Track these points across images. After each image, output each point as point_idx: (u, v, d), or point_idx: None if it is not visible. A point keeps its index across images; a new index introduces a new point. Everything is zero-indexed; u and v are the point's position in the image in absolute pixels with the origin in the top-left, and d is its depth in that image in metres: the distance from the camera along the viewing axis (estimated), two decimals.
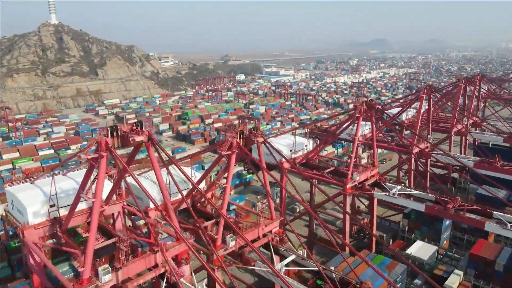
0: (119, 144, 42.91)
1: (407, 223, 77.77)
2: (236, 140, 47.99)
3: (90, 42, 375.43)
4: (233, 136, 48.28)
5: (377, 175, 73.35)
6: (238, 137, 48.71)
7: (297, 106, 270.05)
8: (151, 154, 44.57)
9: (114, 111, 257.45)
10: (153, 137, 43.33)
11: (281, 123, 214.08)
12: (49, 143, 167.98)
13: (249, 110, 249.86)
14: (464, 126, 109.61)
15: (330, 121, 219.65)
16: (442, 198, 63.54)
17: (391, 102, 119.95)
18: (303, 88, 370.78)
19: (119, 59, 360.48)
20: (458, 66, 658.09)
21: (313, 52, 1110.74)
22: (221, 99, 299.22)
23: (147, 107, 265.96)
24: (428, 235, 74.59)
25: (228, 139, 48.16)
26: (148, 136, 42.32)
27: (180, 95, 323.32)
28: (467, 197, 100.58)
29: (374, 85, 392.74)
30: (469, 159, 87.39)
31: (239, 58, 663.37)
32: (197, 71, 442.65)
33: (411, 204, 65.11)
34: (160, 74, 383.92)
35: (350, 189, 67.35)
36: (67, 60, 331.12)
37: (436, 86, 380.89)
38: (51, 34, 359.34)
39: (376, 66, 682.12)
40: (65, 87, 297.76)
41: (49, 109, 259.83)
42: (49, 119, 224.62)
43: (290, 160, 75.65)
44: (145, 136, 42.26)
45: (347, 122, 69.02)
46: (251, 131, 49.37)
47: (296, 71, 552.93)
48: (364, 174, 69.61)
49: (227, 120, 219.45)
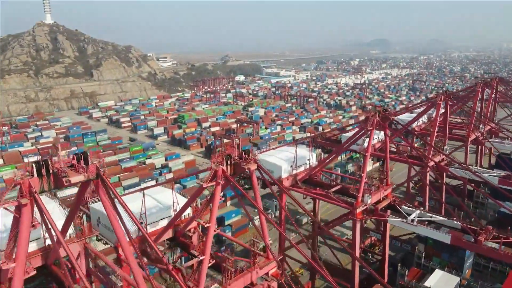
0: (51, 186, 31.58)
1: (423, 249, 68.48)
2: (222, 168, 38.36)
3: (85, 42, 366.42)
4: (218, 163, 38.60)
5: (390, 195, 63.97)
6: (224, 163, 38.98)
7: (297, 108, 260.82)
8: (102, 196, 33.60)
9: (108, 113, 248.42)
10: (103, 174, 32.79)
11: (281, 127, 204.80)
12: (35, 149, 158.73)
13: (248, 113, 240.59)
14: (481, 134, 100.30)
15: (334, 125, 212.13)
16: (471, 227, 54.02)
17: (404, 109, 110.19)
18: (304, 89, 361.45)
19: (115, 59, 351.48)
20: (461, 66, 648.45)
21: (313, 53, 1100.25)
22: (219, 101, 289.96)
23: (142, 109, 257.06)
24: (449, 263, 65.30)
25: (212, 167, 38.41)
26: (96, 173, 31.91)
27: (178, 96, 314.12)
28: (486, 214, 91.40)
29: (376, 86, 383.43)
30: (492, 174, 77.91)
31: (239, 58, 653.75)
32: (196, 72, 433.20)
33: (434, 235, 55.69)
34: (158, 75, 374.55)
35: (360, 213, 58.04)
36: (61, 60, 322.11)
37: (440, 87, 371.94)
38: (45, 34, 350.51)
39: (378, 66, 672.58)
40: (58, 88, 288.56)
41: (41, 112, 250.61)
42: (40, 122, 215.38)
43: (291, 177, 66.44)
44: (91, 173, 31.83)
45: (357, 135, 59.56)
46: (242, 155, 39.71)
47: (297, 72, 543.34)
48: (376, 195, 60.20)
49: (225, 124, 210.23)
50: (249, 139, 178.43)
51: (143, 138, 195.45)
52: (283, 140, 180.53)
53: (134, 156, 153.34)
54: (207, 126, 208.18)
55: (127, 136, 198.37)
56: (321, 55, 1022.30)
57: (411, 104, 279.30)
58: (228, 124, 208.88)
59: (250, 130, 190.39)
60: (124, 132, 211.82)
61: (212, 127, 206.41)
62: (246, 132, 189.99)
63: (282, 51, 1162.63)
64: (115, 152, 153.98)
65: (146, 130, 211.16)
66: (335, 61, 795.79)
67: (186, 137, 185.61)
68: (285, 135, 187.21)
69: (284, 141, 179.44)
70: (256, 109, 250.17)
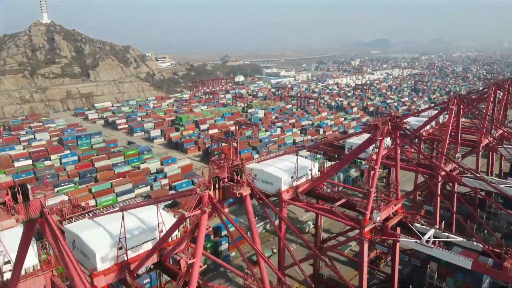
0: None
1: (436, 268, 62.71)
2: (208, 193, 32.39)
3: (82, 42, 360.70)
4: (203, 187, 32.61)
5: (400, 210, 58.18)
6: (212, 187, 32.95)
7: (298, 110, 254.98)
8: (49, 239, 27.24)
9: (105, 115, 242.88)
10: (48, 214, 26.15)
11: (281, 129, 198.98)
12: (27, 153, 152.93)
13: (247, 115, 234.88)
14: (493, 140, 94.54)
15: (336, 127, 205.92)
16: (494, 250, 48.17)
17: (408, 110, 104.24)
18: (305, 90, 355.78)
19: (113, 60, 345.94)
20: (463, 67, 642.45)
21: (314, 53, 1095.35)
22: (218, 102, 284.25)
23: (140, 110, 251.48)
24: (464, 283, 59.63)
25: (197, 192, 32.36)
26: (40, 211, 25.34)
27: (176, 97, 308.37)
28: (501, 226, 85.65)
29: (378, 87, 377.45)
30: (509, 184, 72.04)
31: (239, 58, 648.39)
32: (195, 72, 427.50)
33: (453, 259, 49.77)
34: (156, 76, 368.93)
35: (368, 232, 52.29)
36: (58, 61, 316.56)
37: (442, 87, 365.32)
38: (42, 34, 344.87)
39: (379, 66, 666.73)
40: (54, 89, 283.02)
41: (35, 113, 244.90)
42: (34, 124, 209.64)
43: (291, 189, 60.79)
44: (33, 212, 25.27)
45: (365, 145, 53.66)
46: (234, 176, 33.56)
47: (297, 72, 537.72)
48: (386, 210, 54.46)
49: (224, 126, 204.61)
50: (248, 142, 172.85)
51: (139, 141, 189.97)
52: (283, 143, 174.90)
53: (129, 160, 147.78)
54: (205, 129, 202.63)
55: (123, 139, 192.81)
56: (321, 55, 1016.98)
57: (414, 106, 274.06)
58: (226, 126, 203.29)
59: (250, 133, 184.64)
60: (120, 134, 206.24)
61: (210, 129, 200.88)
62: (245, 135, 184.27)
63: (283, 51, 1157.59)
64: (108, 156, 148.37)
65: (143, 132, 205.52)
66: (336, 61, 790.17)
67: (183, 140, 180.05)
68: (285, 138, 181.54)
69: (284, 144, 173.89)
70: (255, 110, 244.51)
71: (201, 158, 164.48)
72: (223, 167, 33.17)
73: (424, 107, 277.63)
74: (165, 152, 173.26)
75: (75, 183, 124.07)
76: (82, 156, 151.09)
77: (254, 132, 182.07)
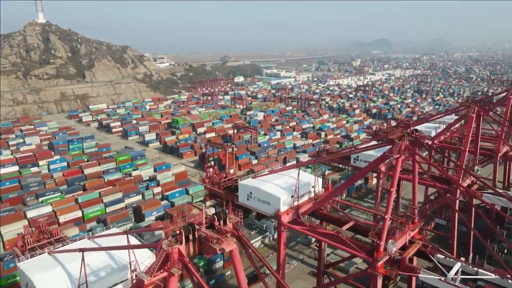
0: None
1: None
2: (178, 248, 23.92)
3: (78, 42, 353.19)
4: (171, 242, 23.61)
5: (417, 236, 50.48)
6: (183, 239, 24.03)
7: (299, 112, 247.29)
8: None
9: (99, 117, 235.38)
10: None
11: (281, 132, 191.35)
12: (13, 159, 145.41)
13: (246, 117, 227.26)
14: (510, 148, 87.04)
15: (338, 130, 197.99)
16: None
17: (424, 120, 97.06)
18: (305, 91, 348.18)
19: (109, 60, 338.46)
20: (465, 67, 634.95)
21: (315, 53, 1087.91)
22: (216, 104, 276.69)
23: (136, 112, 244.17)
24: None
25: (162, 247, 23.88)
26: None
27: (173, 99, 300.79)
28: None
29: (380, 88, 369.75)
30: None
31: (239, 58, 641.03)
32: (194, 73, 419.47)
33: None
34: (154, 76, 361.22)
35: (382, 266, 44.58)
36: (53, 61, 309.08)
37: (445, 88, 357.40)
38: (37, 33, 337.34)
39: (380, 67, 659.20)
40: (48, 90, 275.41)
41: (28, 116, 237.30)
42: (25, 127, 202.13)
43: (291, 210, 53.27)
44: None
45: (377, 162, 46.04)
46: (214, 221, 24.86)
47: (298, 73, 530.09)
48: (402, 238, 46.72)
49: (221, 129, 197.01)
50: (246, 146, 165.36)
51: (134, 145, 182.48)
52: (283, 147, 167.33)
53: (121, 167, 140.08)
54: (202, 132, 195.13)
55: (117, 143, 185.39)
56: (322, 55, 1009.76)
57: (417, 108, 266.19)
58: (224, 130, 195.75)
59: (248, 136, 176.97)
60: (114, 138, 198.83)
61: (207, 132, 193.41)
62: (244, 139, 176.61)
63: (283, 52, 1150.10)
64: (99, 162, 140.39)
65: (138, 136, 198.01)
66: (337, 62, 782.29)
67: (178, 144, 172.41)
68: (285, 142, 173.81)
69: (284, 149, 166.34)
70: (254, 113, 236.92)
71: (197, 164, 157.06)
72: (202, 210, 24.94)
73: (428, 108, 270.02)
74: (159, 157, 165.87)
75: (62, 192, 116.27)
76: (72, 162, 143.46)
77: (252, 136, 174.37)
